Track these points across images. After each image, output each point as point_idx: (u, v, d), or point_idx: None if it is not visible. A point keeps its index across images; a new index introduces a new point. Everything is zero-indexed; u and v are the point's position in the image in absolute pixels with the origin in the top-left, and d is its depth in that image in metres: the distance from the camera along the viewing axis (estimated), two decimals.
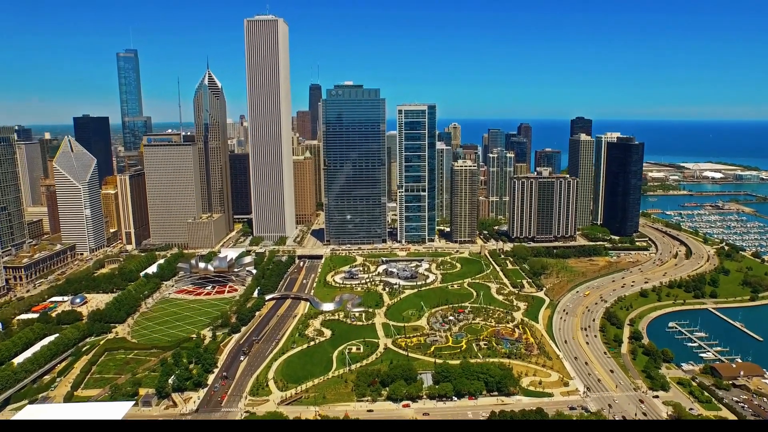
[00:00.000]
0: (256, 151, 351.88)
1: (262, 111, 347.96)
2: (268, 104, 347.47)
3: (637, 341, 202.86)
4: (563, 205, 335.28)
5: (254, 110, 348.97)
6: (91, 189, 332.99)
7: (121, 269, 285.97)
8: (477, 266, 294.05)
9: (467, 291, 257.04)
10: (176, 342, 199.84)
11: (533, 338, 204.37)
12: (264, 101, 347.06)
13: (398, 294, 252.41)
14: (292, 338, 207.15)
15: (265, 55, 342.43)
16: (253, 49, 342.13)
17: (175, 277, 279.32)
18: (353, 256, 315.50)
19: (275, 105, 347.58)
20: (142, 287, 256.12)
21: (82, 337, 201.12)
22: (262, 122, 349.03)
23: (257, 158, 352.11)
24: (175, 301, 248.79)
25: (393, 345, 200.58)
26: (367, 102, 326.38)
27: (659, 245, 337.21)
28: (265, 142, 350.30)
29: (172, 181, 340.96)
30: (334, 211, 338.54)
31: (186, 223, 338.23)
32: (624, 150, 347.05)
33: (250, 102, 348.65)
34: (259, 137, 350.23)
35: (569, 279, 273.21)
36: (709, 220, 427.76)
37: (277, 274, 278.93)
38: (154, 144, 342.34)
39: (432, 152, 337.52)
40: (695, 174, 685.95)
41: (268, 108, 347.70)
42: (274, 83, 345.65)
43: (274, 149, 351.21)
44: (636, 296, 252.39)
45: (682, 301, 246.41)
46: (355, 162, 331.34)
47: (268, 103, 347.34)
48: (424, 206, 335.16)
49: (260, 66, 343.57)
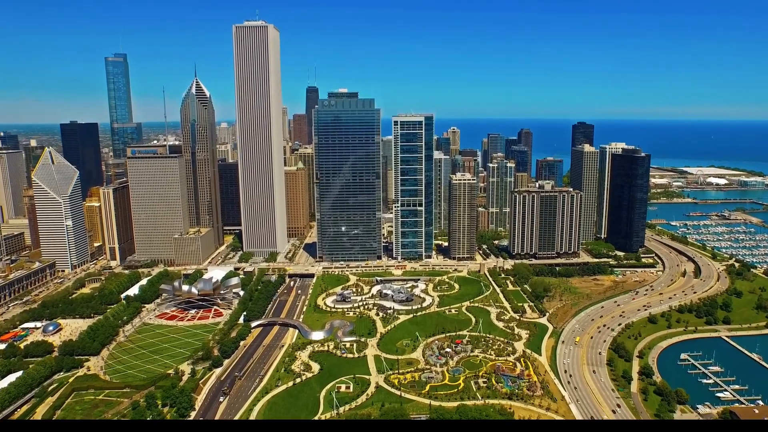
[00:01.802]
0: (245, 164, 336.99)
1: (251, 121, 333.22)
2: (258, 113, 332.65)
3: (647, 378, 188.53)
4: (566, 220, 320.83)
5: (243, 120, 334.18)
6: (72, 202, 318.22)
7: (102, 290, 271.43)
8: (476, 287, 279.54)
9: (465, 317, 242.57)
10: (152, 379, 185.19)
11: (536, 375, 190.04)
12: (253, 110, 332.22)
13: (392, 320, 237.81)
14: (277, 374, 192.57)
15: (255, 62, 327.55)
16: (241, 57, 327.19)
17: (157, 300, 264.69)
18: (346, 275, 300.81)
19: (265, 114, 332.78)
20: (121, 312, 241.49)
21: (49, 374, 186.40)
22: (251, 132, 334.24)
23: (247, 171, 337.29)
24: (156, 328, 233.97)
25: (385, 382, 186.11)
26: (361, 113, 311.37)
27: (666, 262, 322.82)
28: (255, 154, 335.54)
29: (157, 195, 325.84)
30: (326, 226, 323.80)
31: (172, 238, 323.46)
32: (629, 162, 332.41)
33: (239, 111, 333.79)
34: (249, 149, 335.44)
35: (573, 302, 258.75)
36: (716, 232, 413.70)
37: (266, 297, 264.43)
38: (138, 156, 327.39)
39: (429, 165, 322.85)
40: (699, 180, 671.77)
41: (258, 117, 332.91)
42: (263, 91, 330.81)
43: (264, 161, 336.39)
44: (644, 322, 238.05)
45: (693, 328, 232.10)
46: (349, 175, 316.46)
47: (257, 113, 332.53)
48: (421, 221, 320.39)
49: (249, 74, 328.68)
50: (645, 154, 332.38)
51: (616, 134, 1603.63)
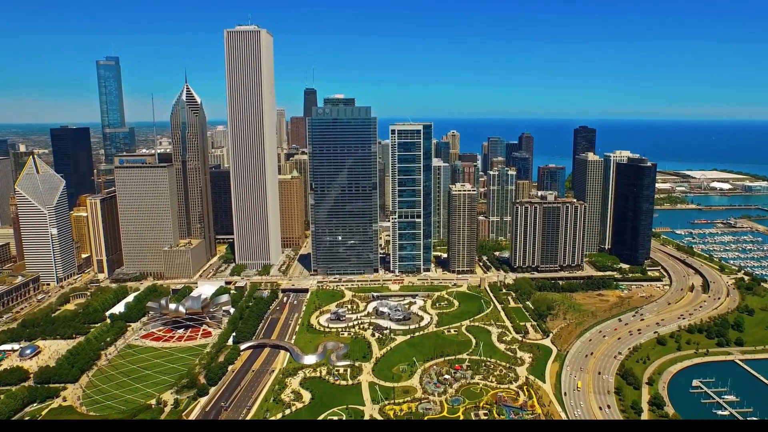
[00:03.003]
0: (237, 174, 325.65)
1: (243, 128, 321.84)
2: (250, 121, 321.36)
3: (659, 409, 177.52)
4: (569, 232, 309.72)
5: (235, 127, 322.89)
6: (58, 213, 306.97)
7: (86, 307, 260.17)
8: (476, 304, 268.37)
9: (465, 337, 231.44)
10: (131, 412, 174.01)
11: (540, 405, 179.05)
12: (246, 118, 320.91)
13: (389, 342, 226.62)
14: (265, 404, 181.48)
15: (247, 68, 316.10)
16: (233, 62, 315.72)
17: (144, 318, 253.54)
18: (341, 290, 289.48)
19: (258, 122, 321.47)
20: (104, 333, 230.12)
21: (21, 406, 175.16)
22: (243, 141, 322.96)
23: (239, 181, 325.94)
24: (140, 351, 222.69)
25: (380, 414, 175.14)
26: (357, 121, 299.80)
27: (672, 275, 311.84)
28: (248, 163, 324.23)
29: (146, 206, 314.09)
30: (321, 238, 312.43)
31: (162, 251, 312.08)
32: (635, 172, 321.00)
33: (231, 119, 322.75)
34: (241, 157, 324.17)
35: (578, 321, 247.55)
36: (722, 241, 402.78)
37: (257, 315, 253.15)
38: (126, 166, 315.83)
39: (428, 175, 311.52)
40: (702, 185, 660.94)
41: (250, 125, 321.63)
42: (256, 98, 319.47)
43: (257, 171, 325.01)
44: (653, 344, 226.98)
45: (704, 350, 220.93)
46: (345, 186, 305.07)
47: (250, 120, 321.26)
48: (419, 233, 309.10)
49: (242, 80, 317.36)
50: (651, 164, 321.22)
51: (618, 136, 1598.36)
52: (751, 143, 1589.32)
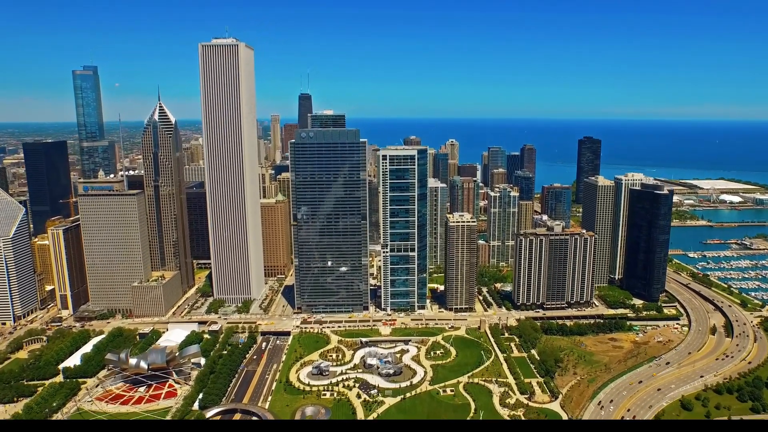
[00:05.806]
0: (214, 199, 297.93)
1: (220, 150, 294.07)
2: (228, 141, 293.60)
3: None
4: (578, 266, 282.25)
5: (211, 148, 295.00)
6: (16, 245, 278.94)
7: (37, 359, 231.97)
8: (475, 353, 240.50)
9: (463, 399, 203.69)
10: None
11: None
12: (222, 138, 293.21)
13: (376, 406, 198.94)
14: None
15: (224, 84, 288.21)
16: (209, 79, 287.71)
17: (102, 372, 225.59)
18: (326, 334, 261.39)
19: (236, 142, 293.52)
20: (51, 396, 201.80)
21: None
22: (220, 164, 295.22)
23: (216, 207, 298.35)
24: (91, 419, 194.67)
25: None
26: (344, 146, 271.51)
27: (690, 312, 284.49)
28: (225, 188, 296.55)
29: (114, 237, 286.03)
30: (305, 274, 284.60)
31: (131, 286, 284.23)
32: (650, 200, 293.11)
33: (206, 139, 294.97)
34: (218, 182, 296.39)
35: (590, 377, 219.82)
36: (740, 267, 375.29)
37: (230, 368, 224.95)
38: (91, 194, 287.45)
39: (423, 204, 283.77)
40: (711, 198, 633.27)
41: (228, 146, 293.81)
42: (234, 117, 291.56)
43: (236, 195, 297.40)
44: (677, 409, 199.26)
45: (738, 418, 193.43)
46: (331, 218, 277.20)
47: (227, 141, 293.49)
48: (413, 268, 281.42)
49: (218, 98, 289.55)
50: (667, 191, 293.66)
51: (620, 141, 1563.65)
52: (755, 145, 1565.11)
